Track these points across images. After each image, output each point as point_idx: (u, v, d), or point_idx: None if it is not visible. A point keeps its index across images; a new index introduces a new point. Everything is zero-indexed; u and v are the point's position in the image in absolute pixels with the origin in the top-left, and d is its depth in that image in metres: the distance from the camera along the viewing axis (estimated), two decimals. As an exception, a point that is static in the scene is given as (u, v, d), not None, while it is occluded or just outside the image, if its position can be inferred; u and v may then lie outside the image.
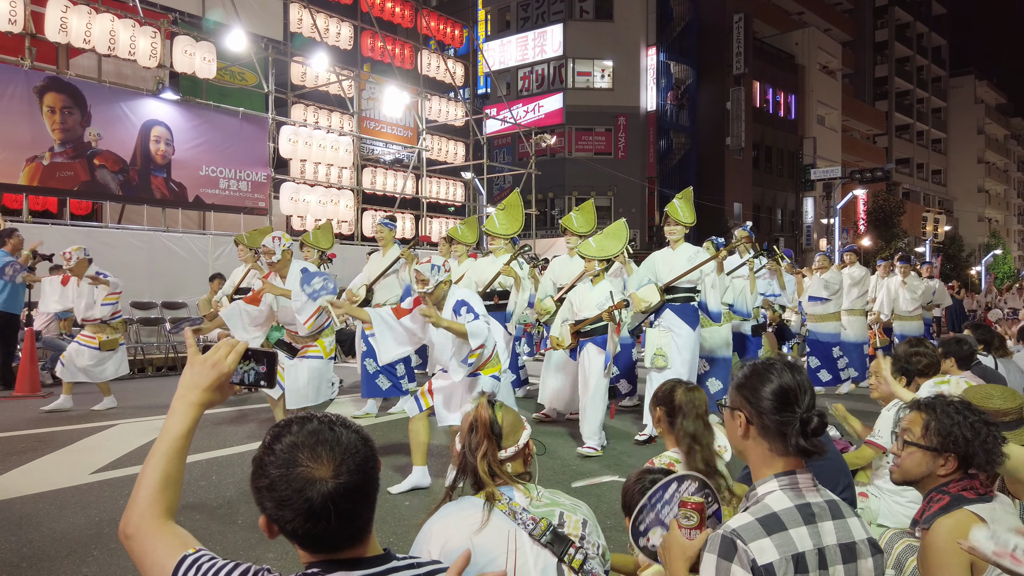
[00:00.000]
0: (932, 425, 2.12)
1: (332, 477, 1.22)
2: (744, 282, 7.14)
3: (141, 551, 1.32)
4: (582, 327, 6.00)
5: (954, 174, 56.46)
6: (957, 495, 2.03)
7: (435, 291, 4.50)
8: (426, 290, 4.47)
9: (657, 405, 2.91)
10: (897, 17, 49.99)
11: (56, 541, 3.81)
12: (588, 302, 6.02)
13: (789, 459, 1.72)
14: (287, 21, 14.35)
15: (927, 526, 2.03)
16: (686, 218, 6.35)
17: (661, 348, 6.11)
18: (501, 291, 7.29)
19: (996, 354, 5.30)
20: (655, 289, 6.22)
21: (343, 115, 15.49)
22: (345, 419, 1.33)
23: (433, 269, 4.49)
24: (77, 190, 11.05)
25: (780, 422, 1.70)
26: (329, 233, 7.72)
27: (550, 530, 1.90)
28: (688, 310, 6.27)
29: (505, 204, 7.53)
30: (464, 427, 2.08)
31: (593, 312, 5.91)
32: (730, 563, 1.57)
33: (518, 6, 32.00)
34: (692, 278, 6.26)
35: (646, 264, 6.58)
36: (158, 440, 1.40)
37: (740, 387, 1.79)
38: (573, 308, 6.19)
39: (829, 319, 9.27)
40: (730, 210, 32.79)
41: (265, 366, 1.50)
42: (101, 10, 10.64)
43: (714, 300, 6.43)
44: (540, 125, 27.30)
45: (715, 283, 6.41)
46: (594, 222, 7.26)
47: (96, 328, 7.28)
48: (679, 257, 6.33)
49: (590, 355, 6.02)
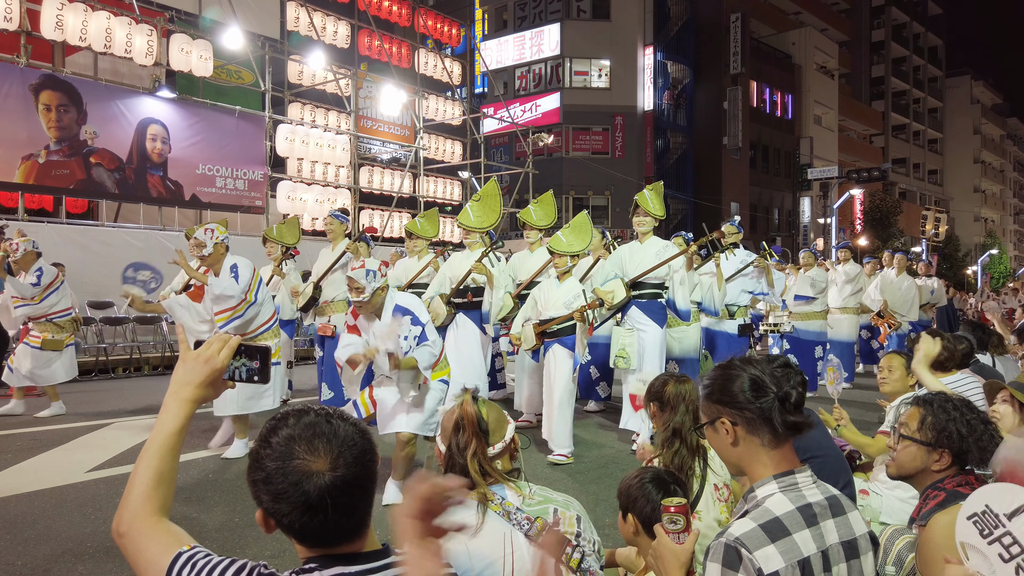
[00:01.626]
0: (928, 420, 2.13)
1: (329, 470, 1.21)
2: (711, 279, 6.76)
3: (135, 549, 1.30)
4: (548, 327, 5.61)
5: (950, 174, 56.56)
6: (953, 491, 2.02)
7: (372, 299, 4.11)
8: (362, 299, 4.07)
9: (650, 400, 2.88)
10: (894, 17, 50.06)
11: (52, 539, 3.79)
12: (554, 300, 5.63)
13: (783, 451, 1.68)
14: (284, 19, 14.33)
15: (923, 523, 2.03)
16: (656, 210, 5.99)
17: (624, 348, 5.77)
18: (475, 288, 6.76)
19: (994, 352, 5.30)
20: (621, 284, 5.86)
21: (340, 114, 15.46)
22: (343, 412, 1.31)
23: (368, 275, 4.07)
24: (73, 188, 11.01)
25: (761, 408, 1.67)
26: (295, 228, 7.35)
27: (546, 530, 1.87)
28: (655, 307, 5.95)
29: (481, 195, 6.85)
30: (448, 426, 2.01)
31: (560, 311, 5.55)
32: (736, 572, 1.54)
33: (515, 5, 31.97)
34: (660, 274, 5.94)
35: (612, 258, 6.25)
36: (151, 437, 1.38)
37: (710, 395, 1.76)
38: (537, 306, 5.79)
39: (814, 318, 8.94)
40: (727, 209, 32.80)
41: (258, 361, 1.48)
42: (97, 8, 10.61)
43: (682, 298, 6.00)
44: (537, 124, 27.27)
45: (684, 280, 5.95)
46: (554, 215, 6.89)
47: (41, 327, 6.89)
48: (647, 251, 6.00)
49: (556, 357, 5.61)
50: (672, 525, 1.70)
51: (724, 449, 1.76)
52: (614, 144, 30.26)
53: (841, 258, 9.93)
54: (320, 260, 7.13)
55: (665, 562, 1.71)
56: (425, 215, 7.56)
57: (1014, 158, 65.05)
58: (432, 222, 7.42)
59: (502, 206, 6.95)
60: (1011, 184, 64.43)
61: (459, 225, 6.80)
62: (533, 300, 5.86)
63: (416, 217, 7.70)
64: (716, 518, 2.47)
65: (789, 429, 1.67)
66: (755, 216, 34.80)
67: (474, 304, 6.72)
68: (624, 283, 5.87)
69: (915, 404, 2.22)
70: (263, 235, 7.32)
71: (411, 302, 4.23)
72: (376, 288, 4.10)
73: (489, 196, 6.78)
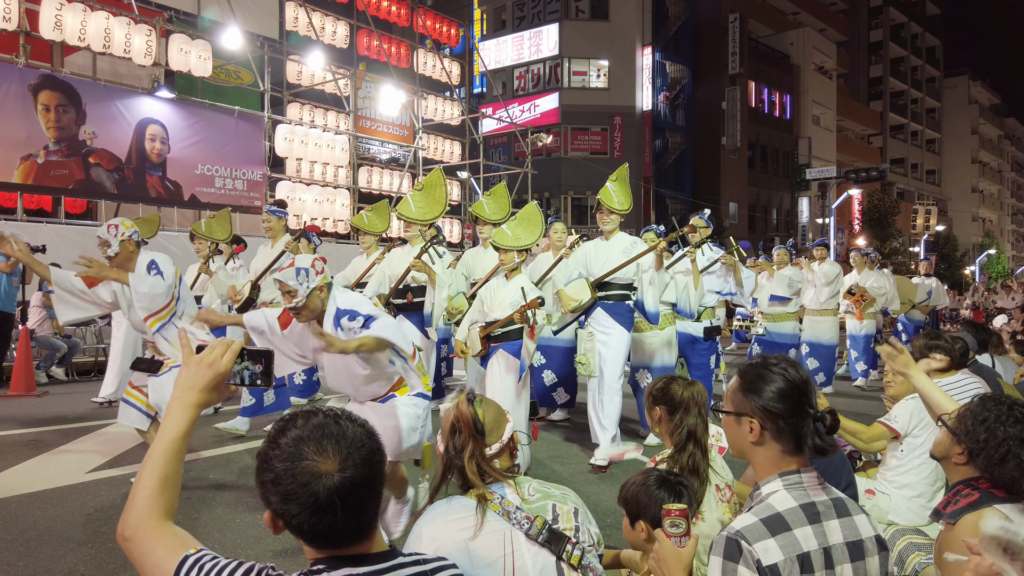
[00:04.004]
0: (967, 411, 2.05)
1: (338, 471, 1.21)
2: (687, 278, 6.05)
3: (141, 553, 1.31)
4: (492, 330, 5.03)
5: (948, 174, 56.65)
6: (987, 492, 1.93)
7: (309, 302, 3.40)
8: (296, 303, 3.37)
9: (655, 404, 2.79)
10: (892, 17, 50.14)
11: (53, 540, 3.79)
12: (500, 300, 5.03)
13: (798, 458, 1.71)
14: (283, 19, 14.32)
15: (953, 520, 1.94)
16: (621, 204, 5.44)
17: (585, 353, 5.29)
18: (416, 287, 6.12)
19: (993, 352, 5.31)
20: (586, 285, 5.37)
21: (339, 114, 15.46)
22: (351, 413, 1.32)
23: (299, 274, 3.37)
24: (72, 188, 11.00)
25: (796, 424, 1.68)
26: (225, 222, 6.76)
27: (546, 528, 1.86)
28: (621, 309, 5.45)
29: (424, 184, 6.05)
30: (445, 428, 2.00)
31: (506, 312, 4.95)
32: (736, 564, 1.57)
33: (514, 5, 31.99)
34: (628, 273, 5.43)
35: (576, 256, 5.74)
36: (155, 441, 1.39)
37: (745, 390, 1.74)
38: (484, 307, 5.21)
39: (787, 319, 8.30)
40: (725, 210, 32.84)
41: (262, 365, 1.48)
42: (96, 8, 10.60)
43: (652, 299, 5.40)
44: (536, 124, 27.28)
45: (653, 279, 5.37)
46: (508, 208, 6.25)
47: None
48: (613, 249, 5.49)
49: (499, 364, 5.02)
50: (674, 529, 1.71)
51: (740, 441, 1.78)
52: (612, 144, 30.27)
53: (818, 257, 9.33)
54: (258, 258, 6.56)
55: (668, 565, 1.71)
56: (374, 208, 6.97)
57: (1012, 158, 65.15)
58: (382, 216, 6.86)
59: (448, 197, 6.12)
60: (1009, 184, 64.52)
61: (398, 216, 6.08)
62: (480, 301, 5.29)
63: (363, 211, 7.03)
64: (719, 519, 2.47)
65: (816, 452, 1.69)
66: (753, 216, 34.84)
67: (415, 305, 6.13)
68: (589, 283, 5.40)
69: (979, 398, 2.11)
70: (191, 231, 6.80)
71: (353, 300, 3.52)
72: (312, 288, 3.39)
73: (433, 186, 6.02)
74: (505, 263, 5.13)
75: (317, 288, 3.41)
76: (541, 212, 5.44)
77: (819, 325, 8.97)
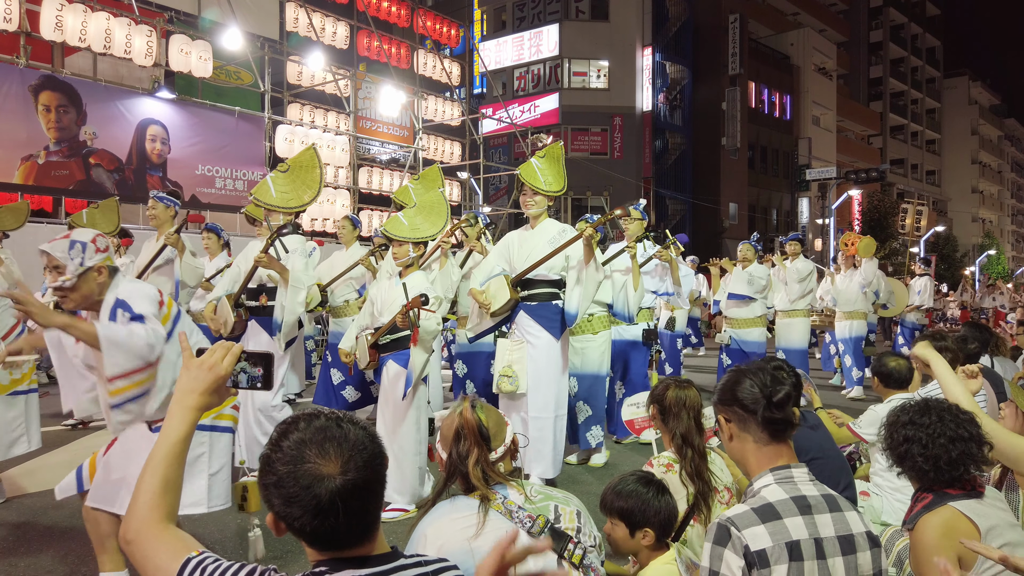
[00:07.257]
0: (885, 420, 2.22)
1: (340, 474, 1.22)
2: (625, 276, 5.28)
3: (143, 556, 1.32)
4: (378, 337, 4.25)
5: (948, 175, 56.65)
6: (940, 492, 2.02)
7: (80, 284, 2.69)
8: (62, 282, 2.65)
9: (652, 403, 2.90)
10: (891, 18, 50.14)
11: (53, 540, 3.80)
12: (391, 302, 4.23)
13: (778, 448, 1.77)
14: (283, 20, 14.32)
15: (911, 526, 2.04)
16: (550, 184, 4.51)
17: (510, 366, 4.45)
18: (272, 287, 4.88)
19: (992, 353, 5.31)
20: (505, 284, 4.52)
21: (339, 114, 15.48)
22: (352, 416, 1.33)
23: (73, 247, 2.66)
24: (72, 189, 11.01)
25: (745, 406, 1.78)
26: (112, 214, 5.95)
27: (548, 527, 1.89)
28: (550, 311, 4.57)
29: (290, 164, 4.72)
30: (449, 434, 2.00)
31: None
32: (723, 548, 1.62)
33: (514, 6, 31.99)
34: (555, 266, 4.55)
35: (498, 249, 4.84)
36: (156, 445, 1.40)
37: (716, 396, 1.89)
38: (374, 310, 4.38)
39: (754, 324, 7.46)
40: (725, 210, 32.85)
41: (262, 368, 1.49)
42: (96, 8, 10.60)
43: (576, 298, 4.49)
44: (536, 125, 27.31)
45: (581, 276, 4.47)
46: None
47: None
48: (539, 239, 4.59)
49: (388, 378, 4.25)
50: None
51: (726, 445, 1.87)
52: (612, 145, 30.27)
53: (789, 252, 8.45)
54: (142, 254, 5.84)
55: None
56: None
57: (1012, 159, 65.15)
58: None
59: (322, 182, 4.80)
60: (1009, 185, 64.52)
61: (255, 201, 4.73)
62: (370, 303, 4.43)
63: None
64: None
65: (771, 425, 1.76)
66: (753, 217, 34.83)
67: (266, 309, 4.92)
68: (509, 281, 4.54)
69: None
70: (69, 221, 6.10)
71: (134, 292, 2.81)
72: (87, 268, 2.69)
73: (302, 167, 4.68)
74: (397, 257, 4.30)
75: (95, 269, 2.71)
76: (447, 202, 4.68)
77: (788, 328, 8.23)
